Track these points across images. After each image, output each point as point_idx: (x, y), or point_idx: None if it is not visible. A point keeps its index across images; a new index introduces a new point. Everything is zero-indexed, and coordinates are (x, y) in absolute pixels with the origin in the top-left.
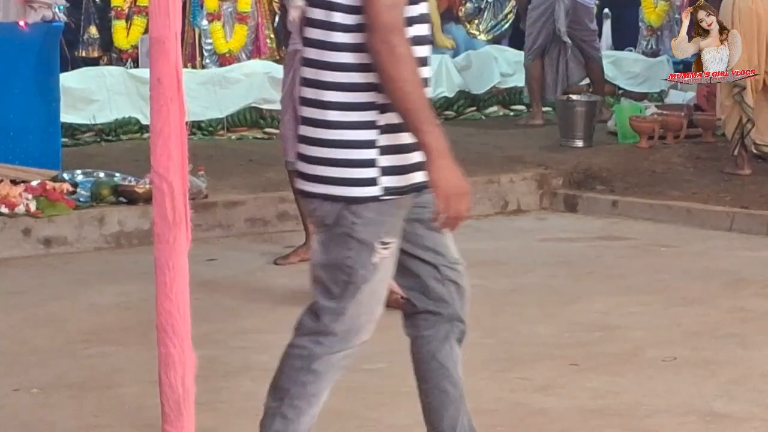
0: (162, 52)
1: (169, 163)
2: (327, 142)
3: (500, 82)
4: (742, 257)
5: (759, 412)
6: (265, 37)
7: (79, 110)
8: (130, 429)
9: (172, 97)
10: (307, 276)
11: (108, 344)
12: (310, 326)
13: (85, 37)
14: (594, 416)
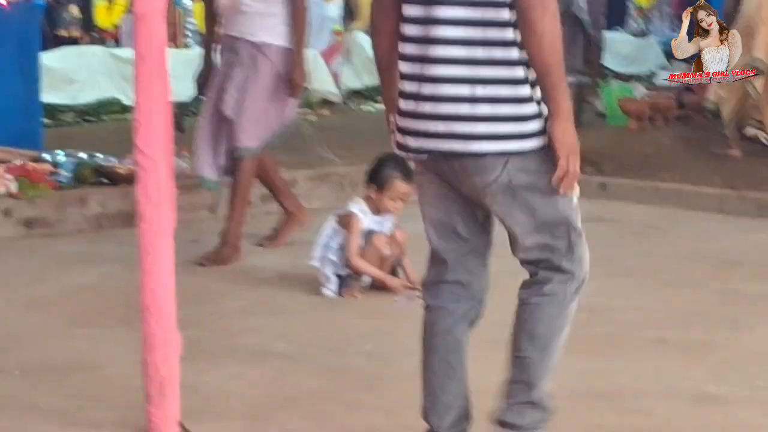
0: (145, 29)
1: (154, 141)
2: (491, 99)
3: None
4: (733, 239)
5: (749, 394)
6: None
7: (61, 90)
8: (114, 410)
9: (156, 74)
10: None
11: (91, 326)
12: (554, 277)
13: (66, 17)
14: (582, 398)
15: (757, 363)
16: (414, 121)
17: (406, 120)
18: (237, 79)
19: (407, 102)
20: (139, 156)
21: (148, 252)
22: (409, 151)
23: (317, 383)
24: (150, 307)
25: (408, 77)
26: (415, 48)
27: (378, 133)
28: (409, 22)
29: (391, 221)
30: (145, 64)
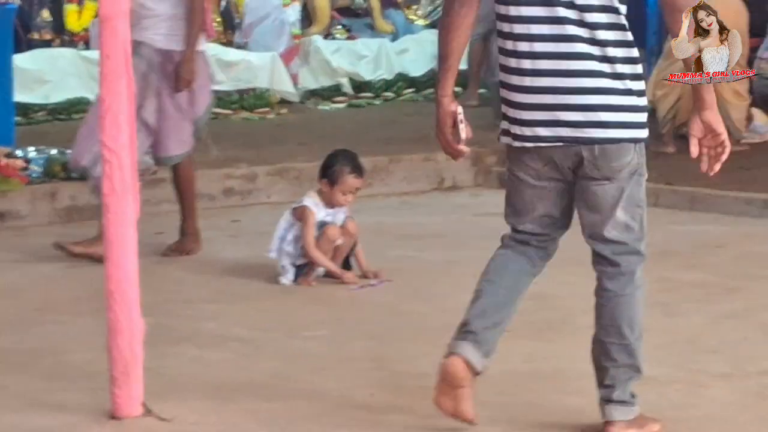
0: (110, 30)
1: (118, 136)
2: (627, 91)
3: (437, 66)
4: (667, 231)
5: (682, 375)
6: (212, 21)
7: (32, 90)
8: (81, 393)
9: (120, 72)
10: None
11: (60, 313)
12: (635, 260)
13: (38, 20)
14: (527, 379)
15: (690, 347)
16: (549, 113)
17: (536, 113)
18: (153, 86)
19: (540, 96)
20: (104, 150)
21: (112, 242)
22: (537, 141)
23: (274, 366)
24: (114, 294)
25: (541, 73)
26: (547, 46)
27: (333, 130)
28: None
29: (343, 213)
30: (110, 62)
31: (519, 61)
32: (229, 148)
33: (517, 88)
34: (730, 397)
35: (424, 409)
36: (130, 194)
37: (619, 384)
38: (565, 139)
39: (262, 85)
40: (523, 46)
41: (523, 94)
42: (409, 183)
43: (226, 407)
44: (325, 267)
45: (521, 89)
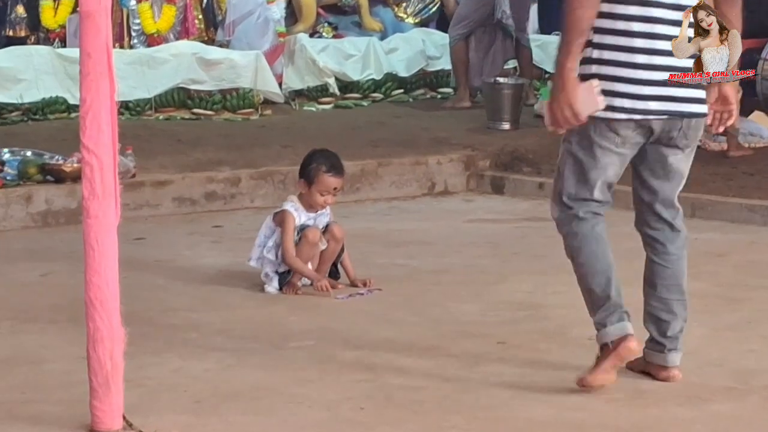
0: (92, 27)
1: (99, 137)
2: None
3: (427, 65)
4: None
5: (683, 389)
6: (194, 18)
7: (6, 89)
8: (59, 404)
9: (101, 71)
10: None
11: (35, 321)
12: (684, 224)
13: (12, 16)
14: (520, 393)
15: (692, 359)
16: (661, 88)
17: (649, 87)
18: None
19: (656, 72)
20: (84, 152)
21: (93, 248)
22: (647, 114)
23: (259, 377)
24: (94, 302)
25: (661, 52)
26: (668, 28)
27: (319, 132)
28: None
29: (326, 217)
30: (91, 61)
31: (632, 40)
32: (211, 151)
33: (630, 65)
34: (733, 411)
35: (414, 423)
36: (112, 198)
37: (680, 334)
38: (672, 113)
39: (245, 85)
40: (640, 27)
41: (638, 70)
42: (398, 187)
43: (209, 420)
44: (303, 275)
45: (634, 65)
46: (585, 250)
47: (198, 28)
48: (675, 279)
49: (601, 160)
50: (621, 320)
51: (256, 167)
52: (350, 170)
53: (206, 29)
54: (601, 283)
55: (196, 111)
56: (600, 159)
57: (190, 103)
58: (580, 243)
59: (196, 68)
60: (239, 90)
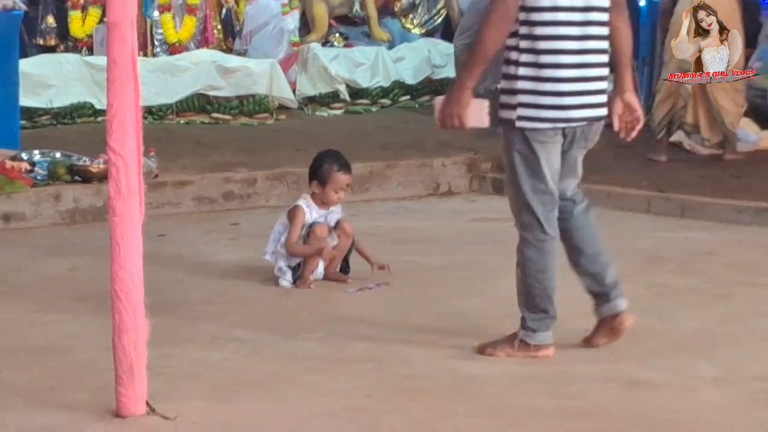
0: (118, 36)
1: (124, 140)
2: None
3: (433, 73)
4: (658, 237)
5: (674, 379)
6: (213, 28)
7: (37, 94)
8: (86, 391)
9: (127, 78)
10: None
11: (63, 313)
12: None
13: (43, 26)
14: (521, 382)
15: (681, 351)
16: (581, 97)
17: (573, 98)
18: None
19: (578, 84)
20: (111, 154)
21: (118, 243)
22: (571, 122)
23: (273, 367)
24: (120, 294)
25: (576, 65)
26: (577, 44)
27: (330, 136)
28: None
29: (337, 215)
30: (118, 68)
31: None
32: (229, 153)
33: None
34: (721, 401)
35: (420, 411)
36: (136, 197)
37: (618, 283)
38: (590, 119)
39: (261, 91)
40: (570, 44)
41: (564, 84)
42: (405, 188)
43: (227, 406)
44: (305, 255)
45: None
46: (540, 263)
47: (217, 38)
48: (591, 236)
49: (552, 149)
50: (545, 332)
51: (271, 168)
52: (359, 171)
53: (225, 39)
54: (545, 298)
55: (214, 116)
56: (550, 148)
57: (209, 108)
58: (537, 254)
59: (215, 75)
60: (255, 96)
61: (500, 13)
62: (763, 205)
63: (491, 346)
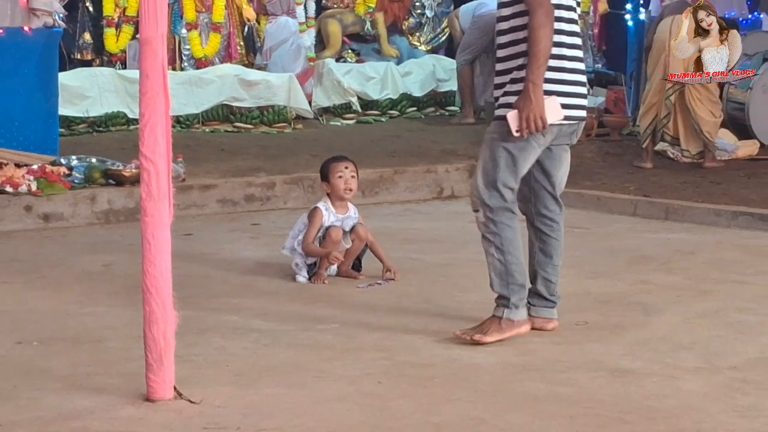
0: (150, 51)
1: (155, 147)
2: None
3: (437, 87)
4: (644, 238)
5: (658, 368)
6: (236, 45)
7: (75, 105)
8: (118, 377)
9: (158, 90)
10: (268, 249)
11: (98, 305)
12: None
13: (80, 42)
14: (517, 370)
15: (665, 343)
16: (578, 98)
17: (574, 98)
18: None
19: (578, 87)
20: (142, 159)
21: (149, 242)
22: (572, 119)
23: (290, 355)
24: (150, 289)
25: (579, 71)
26: (572, 39)
27: (343, 144)
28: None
29: (353, 220)
30: (149, 81)
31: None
32: (250, 159)
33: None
34: (702, 389)
35: (425, 396)
36: (166, 199)
37: (556, 288)
38: (579, 119)
39: (280, 102)
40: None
41: (567, 85)
42: (411, 192)
43: (247, 392)
44: (318, 255)
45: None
46: (513, 240)
47: (240, 53)
48: (561, 248)
49: (530, 156)
50: (524, 306)
51: (289, 173)
52: (370, 177)
53: (247, 54)
54: (522, 268)
55: (237, 125)
56: (529, 154)
57: (232, 117)
58: (511, 233)
59: (237, 88)
60: (275, 107)
61: (546, 12)
62: (740, 209)
63: (479, 333)
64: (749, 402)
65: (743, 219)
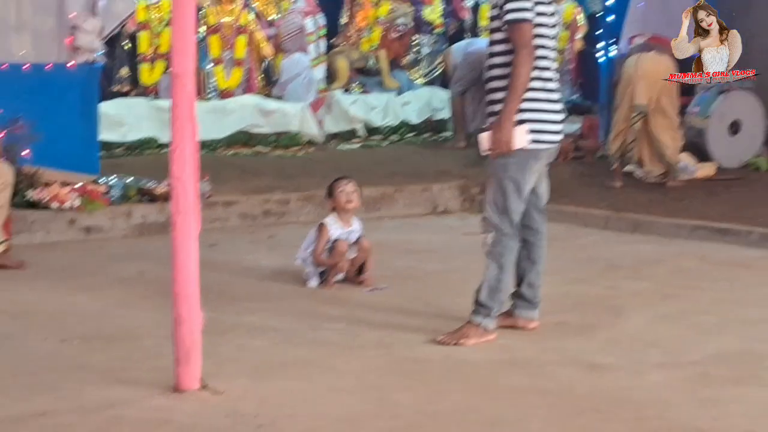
0: (180, 84)
1: (184, 167)
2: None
3: (433, 115)
4: (615, 249)
5: (627, 363)
6: (255, 78)
7: (113, 131)
8: (151, 371)
9: (187, 118)
10: (283, 258)
11: (132, 307)
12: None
13: (118, 76)
14: (503, 365)
15: (633, 341)
16: (558, 125)
17: (556, 125)
18: None
19: (558, 114)
20: (173, 179)
21: (178, 251)
22: (553, 143)
23: (301, 352)
24: (179, 293)
25: (558, 101)
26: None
27: (350, 165)
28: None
29: (357, 233)
30: (179, 110)
31: (549, 94)
32: (267, 179)
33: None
34: (666, 382)
35: (424, 389)
36: (193, 214)
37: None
38: (559, 141)
39: (294, 129)
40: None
41: (552, 114)
42: (409, 208)
43: (264, 384)
44: (325, 266)
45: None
46: (511, 265)
47: (259, 86)
48: (544, 256)
49: (531, 179)
50: (496, 318)
51: (302, 191)
52: (373, 194)
53: (265, 86)
54: (509, 288)
55: (256, 148)
56: (530, 178)
57: (251, 142)
58: (512, 258)
59: (256, 116)
60: (289, 132)
61: (529, 51)
62: (699, 223)
63: (462, 337)
64: (708, 394)
65: (702, 232)
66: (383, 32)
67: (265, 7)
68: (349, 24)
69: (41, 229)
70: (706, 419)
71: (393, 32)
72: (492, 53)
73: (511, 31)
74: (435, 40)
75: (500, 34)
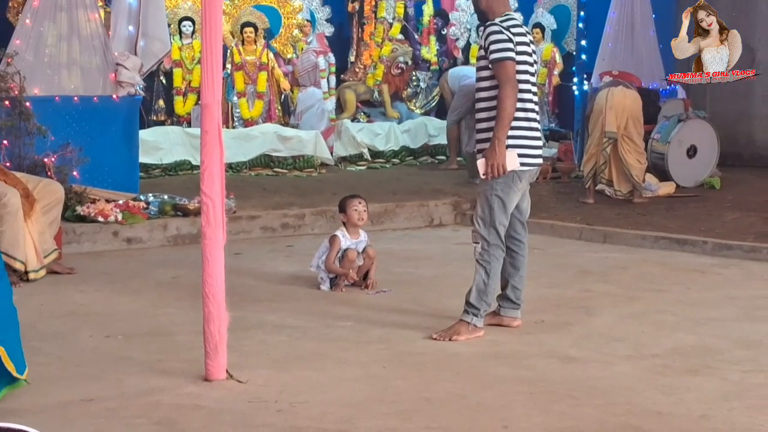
0: (209, 114)
1: (213, 186)
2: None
3: (429, 141)
4: (587, 257)
5: (598, 356)
6: (275, 109)
7: (151, 155)
8: (183, 362)
9: (215, 143)
10: (298, 265)
11: (168, 307)
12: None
13: (155, 107)
14: (490, 358)
15: (604, 337)
16: (539, 149)
17: (537, 149)
18: None
19: (539, 140)
20: (203, 196)
21: (207, 259)
22: (534, 166)
23: (315, 346)
24: (208, 295)
25: (538, 129)
26: (537, 114)
27: (357, 184)
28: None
29: (364, 243)
30: (208, 136)
31: (530, 122)
32: (285, 196)
33: (531, 137)
34: (631, 372)
35: (421, 378)
36: (221, 227)
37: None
38: (540, 164)
39: (308, 153)
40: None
41: (534, 140)
42: (408, 221)
43: (283, 374)
44: (336, 273)
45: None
46: (498, 271)
47: (278, 115)
48: (525, 263)
49: (515, 197)
50: (483, 318)
51: (316, 207)
52: (377, 209)
53: (283, 116)
54: (496, 291)
55: (276, 170)
56: (515, 196)
57: (271, 164)
58: (498, 265)
59: (276, 142)
60: (304, 156)
61: (513, 85)
62: (661, 234)
63: (454, 334)
64: (667, 382)
65: (663, 242)
66: (386, 69)
67: (283, 48)
68: (357, 62)
69: (88, 240)
70: (666, 404)
71: (394, 69)
72: (480, 88)
73: (497, 68)
74: (431, 75)
75: (487, 71)
